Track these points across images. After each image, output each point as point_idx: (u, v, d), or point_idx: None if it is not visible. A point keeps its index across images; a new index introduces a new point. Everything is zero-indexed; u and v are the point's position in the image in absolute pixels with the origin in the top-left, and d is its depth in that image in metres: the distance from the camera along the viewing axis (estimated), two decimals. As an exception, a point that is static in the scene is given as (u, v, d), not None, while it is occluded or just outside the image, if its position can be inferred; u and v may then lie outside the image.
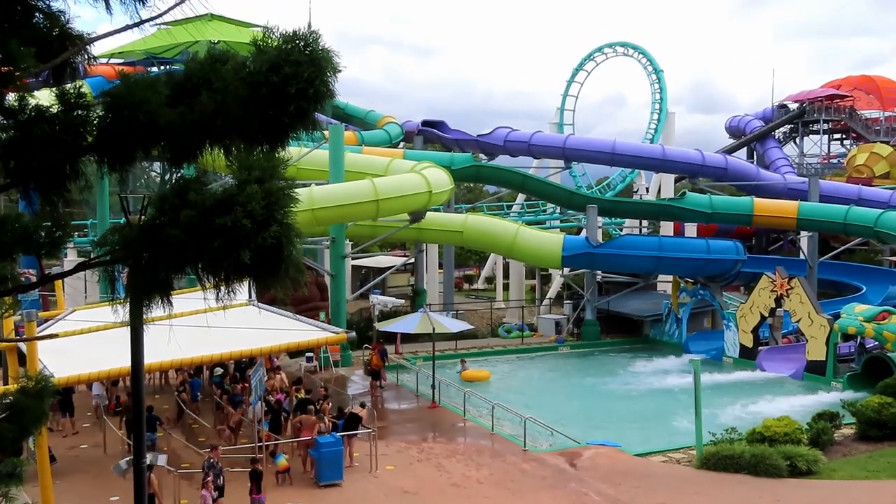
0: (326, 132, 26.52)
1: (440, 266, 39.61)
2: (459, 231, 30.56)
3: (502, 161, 40.75)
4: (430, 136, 42.32)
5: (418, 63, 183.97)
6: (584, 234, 33.88)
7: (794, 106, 67.93)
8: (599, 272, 33.72)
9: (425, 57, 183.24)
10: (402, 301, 34.87)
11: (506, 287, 45.03)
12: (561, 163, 39.17)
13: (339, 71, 4.79)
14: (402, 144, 41.13)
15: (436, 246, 38.35)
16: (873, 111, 69.45)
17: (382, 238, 30.96)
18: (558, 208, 39.67)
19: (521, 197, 47.68)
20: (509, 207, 49.78)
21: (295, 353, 24.52)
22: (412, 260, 35.96)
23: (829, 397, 22.61)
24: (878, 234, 28.98)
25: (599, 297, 33.56)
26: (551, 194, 34.89)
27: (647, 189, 46.16)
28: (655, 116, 44.78)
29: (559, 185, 35.77)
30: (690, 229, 40.03)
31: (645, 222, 42.02)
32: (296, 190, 4.70)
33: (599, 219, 35.93)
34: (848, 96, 67.28)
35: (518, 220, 38.61)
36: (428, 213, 27.62)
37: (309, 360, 25.87)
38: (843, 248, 35.76)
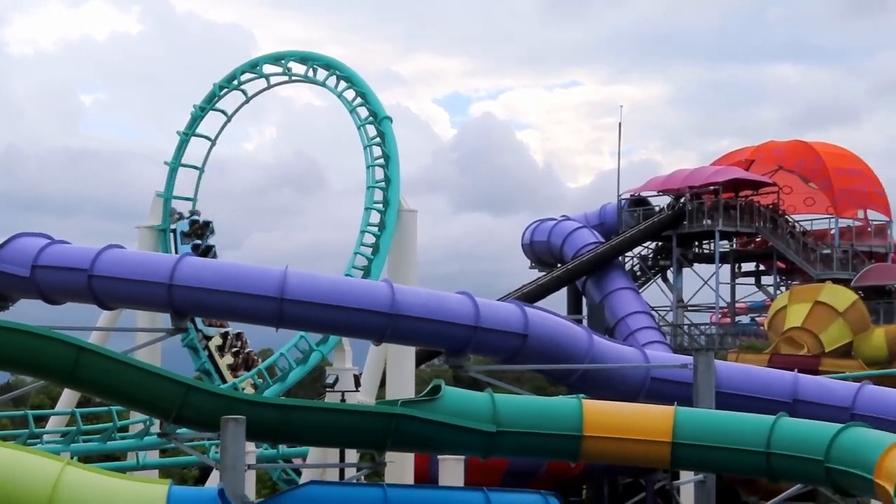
0: None
1: None
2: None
3: (30, 311, 40.64)
4: None
5: None
6: (217, 483, 34.33)
7: (662, 202, 74.48)
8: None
9: None
10: None
11: None
12: (160, 319, 39.80)
13: None
14: None
15: None
16: (818, 216, 78.12)
17: None
18: (157, 423, 39.86)
19: (66, 397, 47.34)
20: (41, 422, 49.25)
21: None
22: None
23: None
24: (832, 473, 32.12)
25: None
26: (141, 390, 34.99)
27: (358, 380, 47.68)
28: (376, 217, 47.07)
29: (160, 370, 36.10)
30: (453, 469, 41.91)
31: (356, 455, 43.54)
32: None
33: (251, 448, 36.31)
34: (768, 184, 75.16)
35: (62, 449, 38.02)
36: None
37: None
38: (768, 507, 39.17)
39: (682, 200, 71.74)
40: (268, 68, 51.58)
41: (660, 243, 73.63)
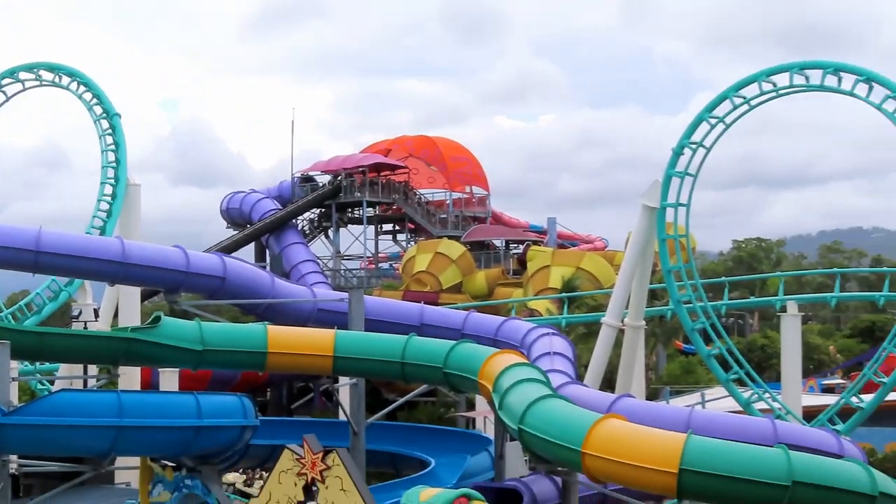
0: None
1: None
2: None
3: None
4: None
5: None
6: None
7: (325, 179, 75.06)
8: (14, 458, 33.03)
9: None
10: None
11: None
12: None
13: None
14: None
15: None
16: (437, 190, 79.85)
17: None
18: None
19: None
20: None
21: None
22: None
23: None
24: (449, 377, 33.07)
25: (15, 501, 32.68)
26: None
27: (97, 312, 46.84)
28: (109, 189, 46.20)
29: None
30: (170, 378, 41.46)
31: (95, 369, 42.66)
32: None
33: (14, 365, 35.30)
34: (402, 167, 76.45)
35: None
36: None
37: None
38: (401, 400, 39.99)
39: (339, 178, 72.37)
40: (23, 75, 49.74)
41: (323, 210, 74.18)
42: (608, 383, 40.60)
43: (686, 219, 38.89)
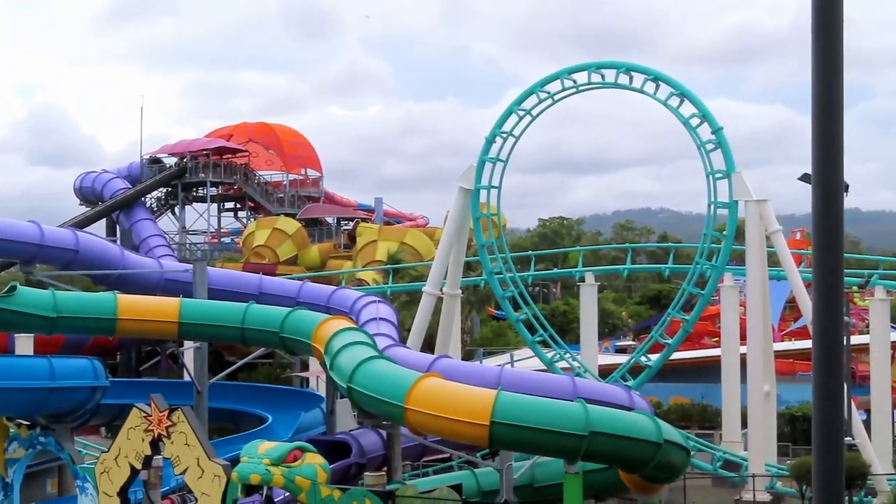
0: None
1: None
2: None
3: None
4: None
5: None
6: None
7: (171, 161, 73.75)
8: None
9: None
10: None
11: None
12: None
13: None
14: None
15: None
16: (275, 172, 79.21)
17: None
18: None
19: None
20: None
21: None
22: None
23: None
24: (285, 340, 32.96)
25: None
26: None
27: (-45, 282, 45.29)
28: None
29: None
30: (25, 343, 40.27)
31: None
32: None
33: None
34: (242, 151, 75.61)
35: None
36: None
37: None
38: (241, 362, 39.64)
39: (185, 160, 71.34)
40: None
41: (169, 189, 73.10)
42: (428, 346, 40.84)
43: (497, 199, 39.33)
